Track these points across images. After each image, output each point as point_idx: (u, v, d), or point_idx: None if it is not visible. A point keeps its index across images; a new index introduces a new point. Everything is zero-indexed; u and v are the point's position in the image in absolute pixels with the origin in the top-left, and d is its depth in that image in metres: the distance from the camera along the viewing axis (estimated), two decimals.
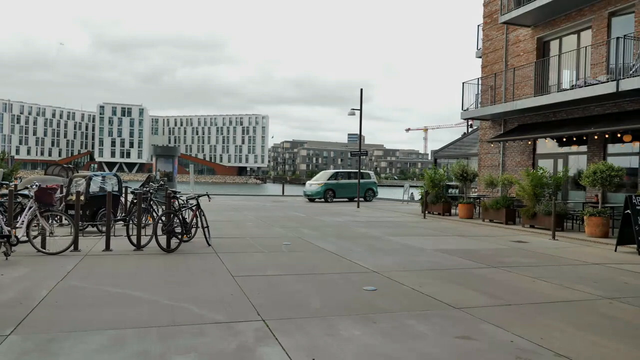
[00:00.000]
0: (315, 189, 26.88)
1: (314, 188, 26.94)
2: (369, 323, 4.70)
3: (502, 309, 5.41)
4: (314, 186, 27.10)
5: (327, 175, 28.30)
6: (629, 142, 14.73)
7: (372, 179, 29.05)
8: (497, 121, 19.99)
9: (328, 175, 28.26)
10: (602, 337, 4.48)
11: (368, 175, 29.05)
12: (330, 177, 27.79)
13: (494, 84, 20.09)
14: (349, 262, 8.03)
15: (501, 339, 4.35)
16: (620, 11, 15.34)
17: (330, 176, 27.89)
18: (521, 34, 19.10)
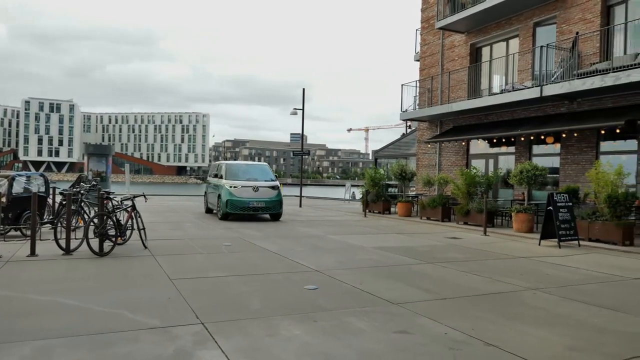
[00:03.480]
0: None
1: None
2: (310, 322, 4.75)
3: (438, 303, 5.63)
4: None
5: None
6: (551, 144, 15.76)
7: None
8: (434, 122, 20.74)
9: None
10: (527, 325, 4.78)
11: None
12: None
13: (431, 86, 20.82)
14: (291, 262, 8.06)
15: (436, 331, 4.54)
16: (544, 22, 16.36)
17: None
18: (456, 39, 19.92)
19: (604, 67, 13.34)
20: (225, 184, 14.96)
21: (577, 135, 14.65)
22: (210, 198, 16.81)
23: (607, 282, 7.06)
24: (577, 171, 14.60)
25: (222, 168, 16.09)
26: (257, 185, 14.92)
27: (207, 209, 17.36)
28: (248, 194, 14.72)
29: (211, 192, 16.63)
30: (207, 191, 17.57)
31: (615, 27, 14.31)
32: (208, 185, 17.54)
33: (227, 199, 14.55)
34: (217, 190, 15.62)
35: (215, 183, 16.05)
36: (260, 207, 14.85)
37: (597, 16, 14.48)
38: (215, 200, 15.77)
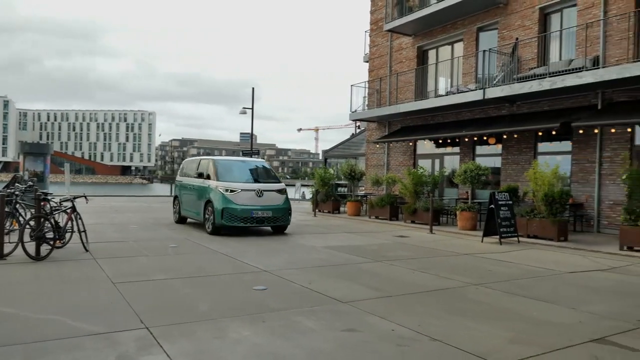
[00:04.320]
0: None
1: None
2: (259, 322, 4.70)
3: (385, 300, 5.73)
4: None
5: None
6: (494, 145, 16.43)
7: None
8: (383, 123, 21.11)
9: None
10: (470, 320, 4.95)
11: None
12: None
13: (380, 87, 21.18)
14: (240, 263, 7.95)
15: (384, 329, 4.61)
16: (487, 27, 17.02)
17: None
18: (403, 42, 20.36)
19: (542, 71, 14.05)
20: (217, 187, 11.49)
21: (517, 137, 15.34)
22: (186, 204, 13.28)
23: (544, 277, 7.42)
24: (517, 171, 15.29)
25: (208, 165, 12.39)
26: (260, 189, 11.63)
27: (179, 217, 13.85)
28: (250, 201, 11.41)
29: (188, 197, 13.17)
30: (179, 195, 14.01)
31: (552, 34, 15.10)
32: (181, 187, 13.91)
33: (222, 208, 11.14)
34: (201, 195, 12.10)
35: (198, 185, 12.48)
36: (265, 218, 11.52)
37: (535, 23, 15.21)
38: (198, 207, 12.19)
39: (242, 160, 13.98)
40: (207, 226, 11.66)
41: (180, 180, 14.29)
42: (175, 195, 14.51)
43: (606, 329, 4.72)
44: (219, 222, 11.22)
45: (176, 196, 14.35)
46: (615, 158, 12.95)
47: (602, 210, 13.27)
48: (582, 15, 13.91)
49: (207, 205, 11.70)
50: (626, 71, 11.73)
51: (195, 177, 12.70)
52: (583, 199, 13.62)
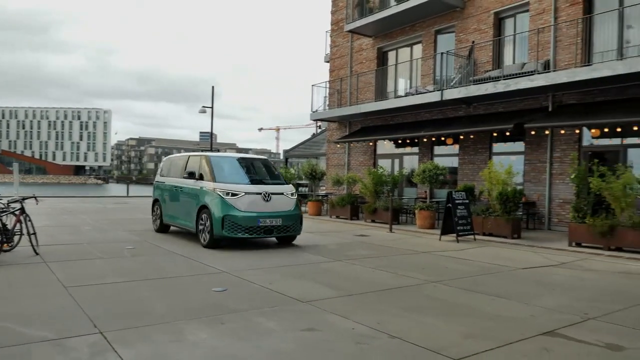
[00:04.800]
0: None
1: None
2: (217, 324, 4.63)
3: (345, 299, 5.76)
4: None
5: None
6: (451, 145, 16.83)
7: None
8: (343, 123, 21.24)
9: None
10: (428, 316, 5.04)
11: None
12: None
13: (340, 87, 21.30)
14: (199, 264, 7.82)
15: (344, 327, 4.63)
16: (444, 30, 17.41)
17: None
18: (364, 42, 20.55)
19: (496, 74, 14.49)
20: (215, 189, 9.59)
21: (473, 137, 15.76)
22: (171, 210, 11.35)
23: (498, 273, 7.66)
24: (473, 170, 15.71)
25: (200, 163, 10.48)
26: (268, 192, 9.76)
27: (160, 225, 11.84)
28: (256, 206, 9.53)
29: (174, 201, 11.23)
30: (160, 199, 11.91)
31: (506, 38, 15.61)
32: (164, 190, 11.81)
33: (222, 215, 9.25)
34: (193, 199, 10.22)
35: (188, 188, 10.51)
36: (275, 227, 9.62)
37: (490, 27, 15.68)
38: (189, 214, 10.30)
39: (240, 156, 11.58)
40: (201, 237, 9.68)
41: (161, 182, 12.13)
42: (156, 198, 12.17)
43: (556, 322, 4.91)
44: (219, 232, 9.23)
45: (156, 200, 12.14)
46: (564, 158, 13.51)
47: (552, 208, 13.82)
48: (534, 20, 14.44)
49: (202, 211, 9.76)
50: (575, 75, 12.26)
51: (184, 177, 10.55)
52: (535, 197, 14.14)
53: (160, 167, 12.84)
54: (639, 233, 9.37)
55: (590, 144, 13.33)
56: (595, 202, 10.50)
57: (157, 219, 12.07)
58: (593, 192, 10.31)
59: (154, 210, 12.32)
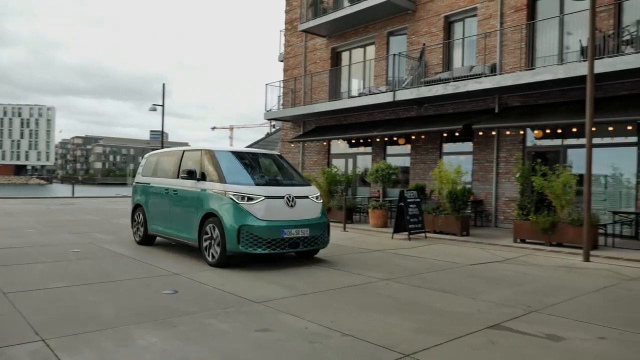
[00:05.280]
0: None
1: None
2: (168, 328, 4.53)
3: (299, 298, 5.77)
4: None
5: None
6: (403, 145, 17.17)
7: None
8: (297, 122, 21.25)
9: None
10: (380, 313, 5.13)
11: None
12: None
13: (294, 87, 21.30)
14: (149, 266, 7.61)
15: (297, 327, 4.64)
16: (397, 31, 17.74)
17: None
18: (318, 42, 20.63)
19: (446, 76, 14.92)
20: (226, 192, 7.67)
21: (424, 137, 16.15)
22: (161, 218, 9.26)
23: (448, 270, 7.89)
24: (424, 170, 16.10)
25: (202, 160, 8.42)
26: (291, 195, 7.92)
27: (144, 236, 9.79)
28: (278, 213, 7.70)
29: (165, 208, 9.13)
30: (143, 204, 9.88)
31: (455, 42, 16.08)
32: (149, 193, 9.80)
33: (239, 225, 7.37)
34: (194, 205, 8.23)
35: (186, 190, 8.49)
36: (301, 239, 7.80)
37: (441, 30, 16.11)
38: (188, 224, 8.34)
39: (250, 151, 9.64)
40: (207, 254, 7.82)
41: (144, 183, 10.10)
42: (137, 204, 10.12)
43: (501, 316, 5.12)
44: (234, 247, 7.36)
45: (138, 205, 10.10)
46: (510, 158, 14.08)
47: (499, 206, 14.37)
48: (482, 25, 14.96)
49: (207, 220, 7.87)
50: (520, 78, 12.80)
51: (182, 177, 8.42)
52: (483, 196, 14.66)
53: (141, 165, 10.69)
54: (578, 229, 9.89)
55: (534, 145, 13.95)
56: (538, 200, 11.01)
57: (139, 229, 9.98)
58: (536, 191, 10.80)
59: (134, 219, 10.25)
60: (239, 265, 7.73)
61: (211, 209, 7.80)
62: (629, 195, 12.11)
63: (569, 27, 13.40)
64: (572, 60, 12.71)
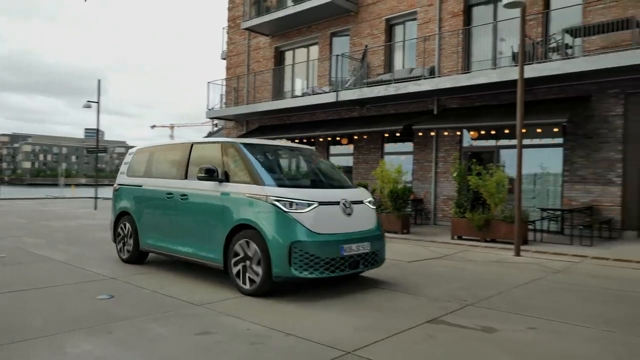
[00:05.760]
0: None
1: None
2: (104, 334, 4.33)
3: (241, 300, 5.69)
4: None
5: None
6: (346, 145, 17.39)
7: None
8: (240, 121, 21.00)
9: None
10: (323, 312, 5.15)
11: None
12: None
13: (237, 86, 21.03)
14: (83, 271, 7.25)
15: (239, 328, 4.58)
16: (340, 32, 17.93)
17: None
18: (261, 41, 20.48)
19: (387, 78, 15.25)
20: (268, 197, 5.81)
21: (366, 137, 16.43)
22: (158, 229, 7.32)
23: (389, 267, 8.05)
24: (367, 169, 16.38)
25: (225, 156, 6.54)
26: (347, 200, 6.24)
27: (135, 252, 7.76)
28: (334, 224, 6.00)
29: (170, 218, 7.11)
30: (133, 212, 7.81)
31: (396, 44, 16.47)
32: (138, 198, 7.82)
33: (290, 242, 5.61)
34: (217, 214, 6.31)
35: (206, 195, 6.52)
36: (362, 257, 6.13)
37: (382, 33, 16.45)
38: (209, 240, 6.39)
39: (281, 145, 7.61)
40: (242, 279, 5.92)
41: (132, 186, 8.01)
42: (122, 211, 8.03)
43: (439, 310, 5.29)
44: (283, 270, 5.59)
45: (123, 213, 8.01)
46: (447, 158, 14.60)
47: (438, 204, 14.87)
48: (422, 29, 15.41)
49: (237, 235, 6.00)
50: (457, 81, 13.30)
51: (200, 177, 6.40)
52: (422, 195, 15.12)
53: (125, 162, 8.59)
54: (510, 225, 10.41)
55: (470, 145, 14.55)
56: (473, 198, 11.49)
57: (126, 244, 7.90)
58: (472, 189, 11.27)
59: (117, 231, 8.13)
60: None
61: (244, 219, 5.91)
62: (556, 193, 12.91)
63: (502, 33, 14.08)
64: (505, 65, 13.36)
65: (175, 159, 7.42)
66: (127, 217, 7.94)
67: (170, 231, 7.11)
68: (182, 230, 6.90)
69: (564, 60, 11.74)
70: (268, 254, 5.65)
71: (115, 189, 8.47)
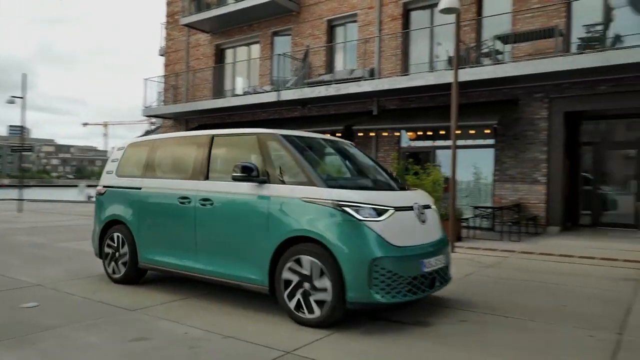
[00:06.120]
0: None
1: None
2: (28, 346, 4.07)
3: (180, 303, 5.54)
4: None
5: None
6: None
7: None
8: (180, 120, 20.45)
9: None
10: (260, 313, 5.11)
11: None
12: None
13: (176, 83, 20.47)
14: (3, 278, 6.78)
15: (176, 333, 4.45)
16: (281, 32, 17.88)
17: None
18: (201, 38, 20.04)
19: (329, 78, 15.38)
20: (335, 202, 4.60)
21: None
22: (166, 241, 5.98)
23: None
24: None
25: (265, 151, 5.23)
26: (419, 204, 5.16)
27: (129, 270, 6.34)
28: (412, 235, 4.91)
29: (175, 227, 5.85)
30: (127, 221, 6.37)
31: (337, 45, 16.65)
32: (136, 202, 6.35)
33: (371, 258, 4.44)
34: (256, 224, 5.02)
35: (234, 200, 5.28)
36: (438, 272, 5.06)
37: (324, 33, 16.57)
38: (251, 255, 5.07)
39: (324, 138, 6.40)
40: (299, 306, 4.75)
41: (128, 188, 6.51)
42: (113, 219, 6.57)
43: None
44: (361, 295, 4.49)
45: (115, 222, 6.57)
46: (387, 158, 14.94)
47: None
48: (362, 31, 15.67)
49: (288, 249, 4.83)
50: (395, 83, 13.63)
51: (235, 176, 5.10)
52: None
53: (112, 160, 7.06)
54: (445, 223, 10.77)
55: (408, 145, 14.96)
56: None
57: (120, 260, 6.40)
58: None
59: (108, 243, 6.59)
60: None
61: (301, 229, 4.71)
62: (487, 191, 13.54)
63: (438, 38, 14.58)
64: (441, 69, 13.85)
65: (190, 155, 5.97)
66: (120, 226, 6.46)
67: (184, 244, 5.71)
68: (204, 243, 5.53)
69: (495, 66, 12.34)
70: (340, 274, 4.47)
71: (101, 192, 6.94)
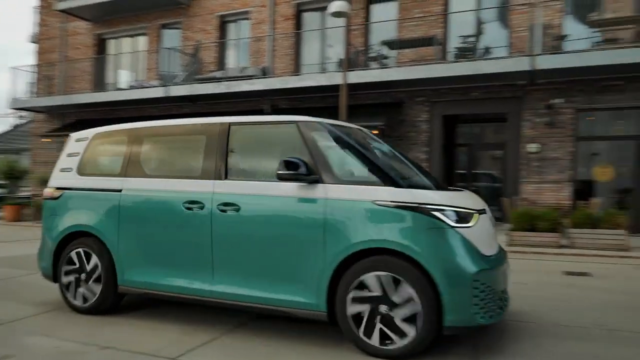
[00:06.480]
0: None
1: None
2: None
3: (52, 315, 5.03)
4: None
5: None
6: None
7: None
8: (54, 114, 18.70)
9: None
10: (142, 320, 4.83)
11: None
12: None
13: (51, 74, 18.71)
14: None
15: (46, 347, 4.04)
16: (170, 25, 17.16)
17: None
18: (80, 26, 18.53)
19: (220, 75, 15.05)
20: (422, 207, 3.69)
21: None
22: (155, 261, 4.62)
23: None
24: None
25: (310, 143, 4.07)
26: (486, 208, 4.26)
27: (104, 295, 4.85)
28: (491, 242, 4.10)
29: (176, 241, 4.51)
30: (103, 231, 4.82)
31: (229, 42, 16.36)
32: (114, 209, 4.81)
33: (472, 274, 3.61)
34: (304, 237, 3.93)
35: (272, 205, 4.10)
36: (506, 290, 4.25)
37: (215, 29, 16.19)
38: (294, 274, 3.98)
39: (358, 128, 4.96)
40: (374, 335, 3.69)
41: (106, 190, 4.95)
42: (76, 231, 5.05)
43: None
44: (461, 317, 3.60)
45: (78, 234, 5.06)
46: None
47: None
48: (255, 29, 15.56)
49: (353, 265, 3.81)
50: (287, 83, 13.74)
51: (280, 174, 3.94)
52: None
53: (72, 154, 5.66)
54: None
55: None
56: None
57: (88, 284, 4.94)
58: None
59: (69, 261, 5.05)
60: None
61: (377, 240, 3.75)
62: None
63: (330, 40, 14.96)
64: (332, 70, 14.23)
65: (197, 149, 4.64)
66: (89, 240, 4.97)
67: (193, 261, 4.46)
68: (225, 260, 4.31)
69: (381, 70, 12.96)
70: (436, 294, 3.61)
71: (53, 195, 5.30)
